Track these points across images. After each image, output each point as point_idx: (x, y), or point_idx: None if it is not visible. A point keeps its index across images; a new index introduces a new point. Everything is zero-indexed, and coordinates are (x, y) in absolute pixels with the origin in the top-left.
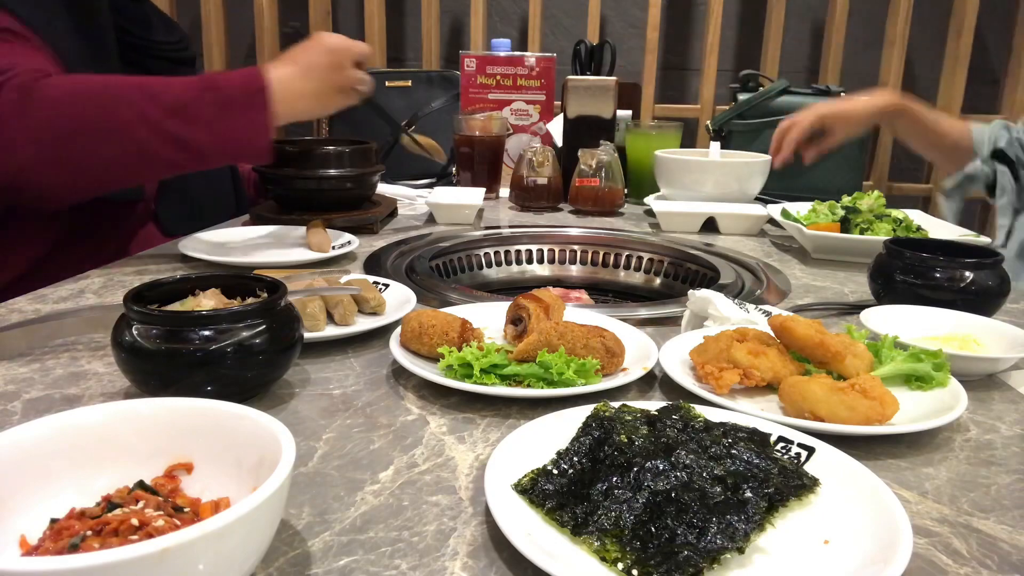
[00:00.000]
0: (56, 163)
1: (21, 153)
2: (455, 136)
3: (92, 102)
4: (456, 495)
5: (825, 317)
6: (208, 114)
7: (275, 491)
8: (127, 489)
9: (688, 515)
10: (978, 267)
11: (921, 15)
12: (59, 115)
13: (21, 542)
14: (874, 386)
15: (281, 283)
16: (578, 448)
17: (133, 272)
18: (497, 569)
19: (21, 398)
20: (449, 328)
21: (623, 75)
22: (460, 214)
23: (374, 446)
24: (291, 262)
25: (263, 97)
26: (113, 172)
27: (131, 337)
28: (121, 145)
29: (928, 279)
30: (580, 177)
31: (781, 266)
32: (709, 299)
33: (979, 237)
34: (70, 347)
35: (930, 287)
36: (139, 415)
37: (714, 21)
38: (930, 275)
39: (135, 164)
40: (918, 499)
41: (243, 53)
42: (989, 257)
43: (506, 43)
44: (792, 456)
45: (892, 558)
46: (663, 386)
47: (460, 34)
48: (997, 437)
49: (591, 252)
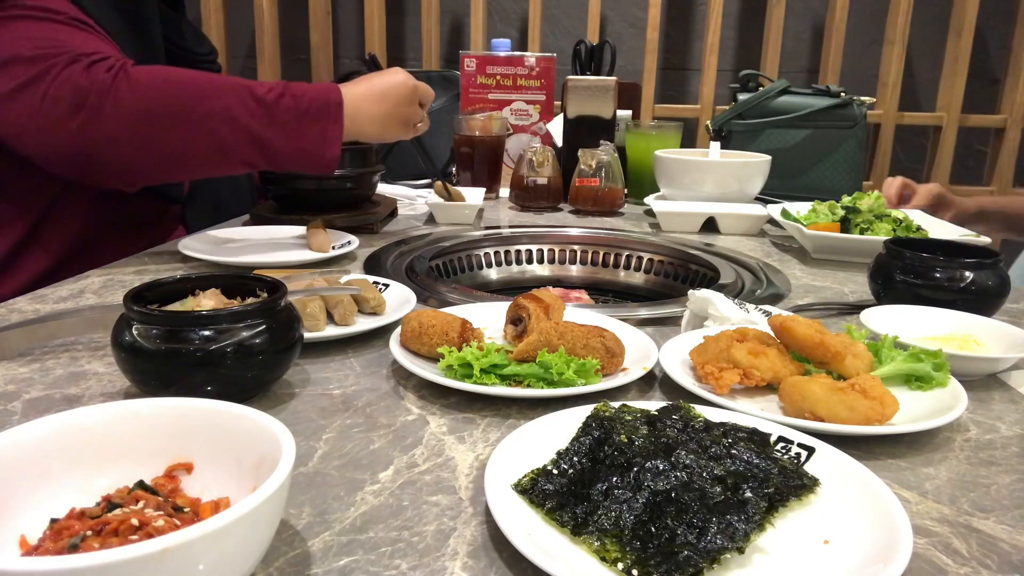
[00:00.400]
0: (139, 144)
1: (108, 129)
2: (455, 136)
3: (182, 89)
4: (456, 495)
5: (825, 317)
6: (287, 118)
7: (275, 491)
8: (127, 489)
9: (688, 515)
10: (978, 267)
11: (921, 15)
12: (149, 98)
13: (21, 542)
14: (874, 386)
15: (281, 283)
16: (578, 448)
17: (133, 272)
18: (497, 569)
19: (21, 398)
20: (449, 328)
21: (623, 75)
22: (460, 214)
23: (374, 446)
24: (291, 262)
25: (339, 111)
26: (191, 161)
27: (131, 337)
28: (204, 136)
29: (928, 279)
30: (580, 177)
31: (781, 266)
32: (709, 299)
33: (979, 237)
34: (70, 347)
35: (930, 287)
36: (139, 415)
37: (714, 21)
38: (930, 275)
39: (214, 156)
40: (918, 499)
41: (243, 53)
42: (989, 257)
43: (506, 43)
44: (792, 456)
45: (892, 558)
46: (663, 386)
47: (460, 34)
48: (997, 437)
49: (591, 252)
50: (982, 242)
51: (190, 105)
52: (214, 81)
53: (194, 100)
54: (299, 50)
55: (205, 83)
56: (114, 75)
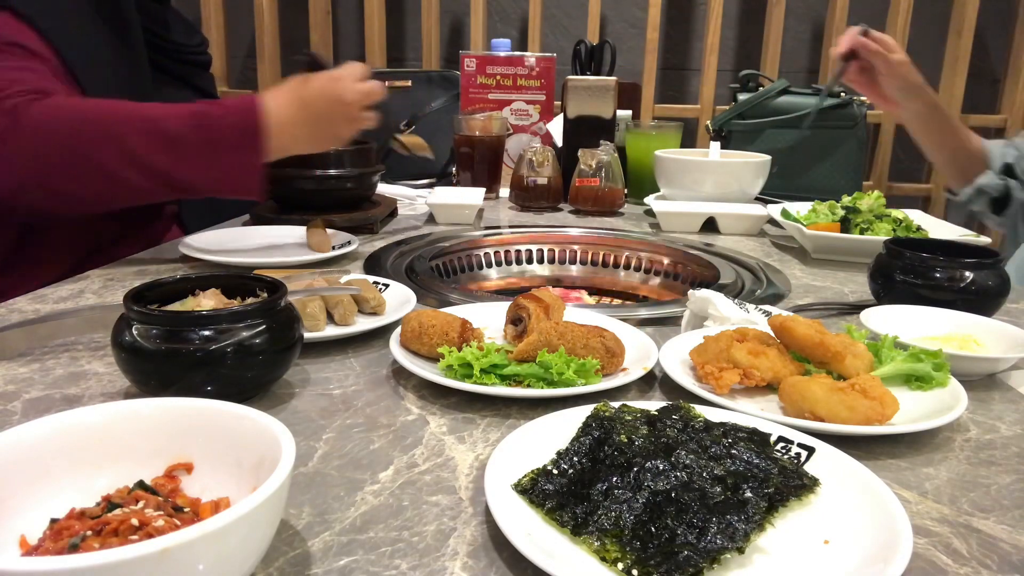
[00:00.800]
0: (41, 189)
1: (12, 176)
2: (455, 136)
3: (79, 137)
4: (456, 495)
5: (825, 317)
6: (199, 151)
7: (275, 491)
8: (127, 489)
9: (688, 515)
10: (978, 267)
11: (921, 15)
12: (43, 143)
13: (21, 542)
14: (874, 386)
15: (281, 283)
16: (578, 448)
17: (133, 272)
18: (497, 569)
19: (21, 398)
20: (449, 328)
21: (623, 75)
22: (460, 214)
23: (374, 446)
24: (291, 262)
25: (256, 138)
26: (109, 202)
27: (131, 337)
28: (110, 183)
29: (928, 279)
30: (580, 177)
31: (781, 266)
32: (709, 299)
33: (979, 237)
34: (70, 347)
35: (930, 287)
36: (139, 415)
37: (714, 21)
38: (930, 275)
39: (130, 197)
40: (918, 499)
41: (243, 53)
42: (989, 257)
43: (506, 43)
44: (792, 456)
45: (892, 558)
46: (663, 386)
47: (460, 34)
48: (997, 437)
49: (591, 252)
50: (982, 242)
51: (88, 151)
52: (117, 118)
53: (94, 145)
54: (299, 50)
55: (108, 123)
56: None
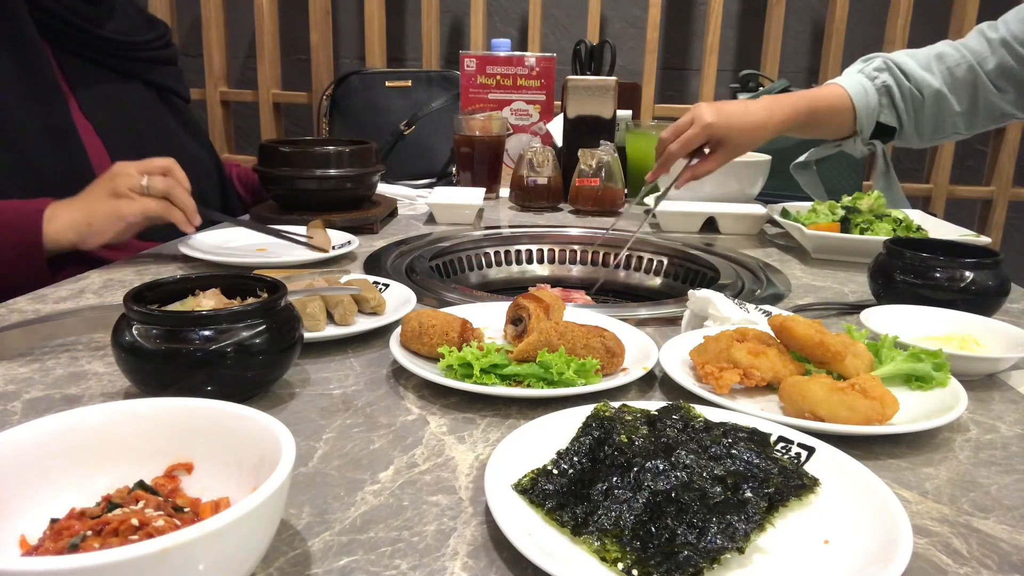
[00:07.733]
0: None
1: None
2: (455, 136)
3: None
4: (456, 495)
5: (825, 317)
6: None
7: (275, 491)
8: (127, 489)
9: (688, 515)
10: (978, 267)
11: (921, 15)
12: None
13: (21, 542)
14: (874, 386)
15: (281, 283)
16: (578, 448)
17: (133, 272)
18: (497, 569)
19: (21, 398)
20: (449, 328)
21: (623, 75)
22: (460, 214)
23: (374, 446)
24: (291, 262)
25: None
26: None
27: (131, 337)
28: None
29: (928, 279)
30: (580, 177)
31: (781, 266)
32: (709, 299)
33: (979, 237)
34: (70, 347)
35: (930, 287)
36: (139, 415)
37: (714, 21)
38: (930, 275)
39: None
40: (918, 499)
41: (243, 53)
42: (989, 257)
43: (506, 43)
44: (792, 456)
45: (892, 558)
46: (663, 386)
47: (460, 34)
48: (997, 437)
49: (591, 252)
50: (982, 242)
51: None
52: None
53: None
54: (299, 50)
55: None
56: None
